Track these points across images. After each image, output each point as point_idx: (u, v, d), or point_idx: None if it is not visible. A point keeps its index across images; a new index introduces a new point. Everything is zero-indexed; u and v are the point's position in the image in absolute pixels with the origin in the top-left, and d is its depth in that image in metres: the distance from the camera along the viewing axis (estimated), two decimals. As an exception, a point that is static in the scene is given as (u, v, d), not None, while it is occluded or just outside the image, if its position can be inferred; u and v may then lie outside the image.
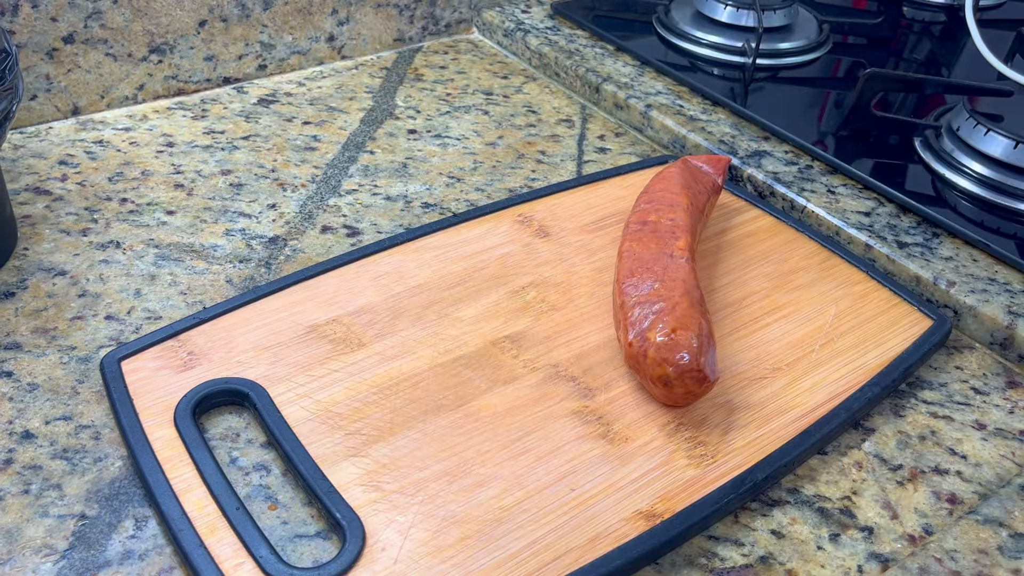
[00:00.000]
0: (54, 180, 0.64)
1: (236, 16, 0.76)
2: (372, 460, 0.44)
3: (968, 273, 0.59)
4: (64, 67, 0.70)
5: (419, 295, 0.55)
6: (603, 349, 0.52)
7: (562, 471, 0.44)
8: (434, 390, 0.48)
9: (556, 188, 0.65)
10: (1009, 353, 0.56)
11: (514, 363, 0.50)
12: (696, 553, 0.43)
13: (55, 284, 0.55)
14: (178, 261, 0.58)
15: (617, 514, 0.43)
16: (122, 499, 0.43)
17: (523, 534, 0.41)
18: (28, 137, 0.69)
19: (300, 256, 0.59)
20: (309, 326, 0.52)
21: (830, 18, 0.91)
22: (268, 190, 0.65)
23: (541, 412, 0.48)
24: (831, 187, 0.68)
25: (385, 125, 0.74)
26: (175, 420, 0.45)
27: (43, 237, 0.59)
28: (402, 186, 0.67)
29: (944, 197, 0.66)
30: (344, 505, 0.42)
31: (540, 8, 0.92)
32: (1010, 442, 0.50)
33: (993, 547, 0.43)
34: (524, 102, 0.80)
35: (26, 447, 0.45)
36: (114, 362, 0.48)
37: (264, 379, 0.48)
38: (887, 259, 0.61)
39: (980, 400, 0.53)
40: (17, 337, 0.51)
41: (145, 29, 0.72)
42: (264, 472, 0.45)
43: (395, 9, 0.85)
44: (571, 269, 0.58)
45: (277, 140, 0.71)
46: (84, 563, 0.40)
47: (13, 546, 0.40)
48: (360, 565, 0.40)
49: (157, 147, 0.69)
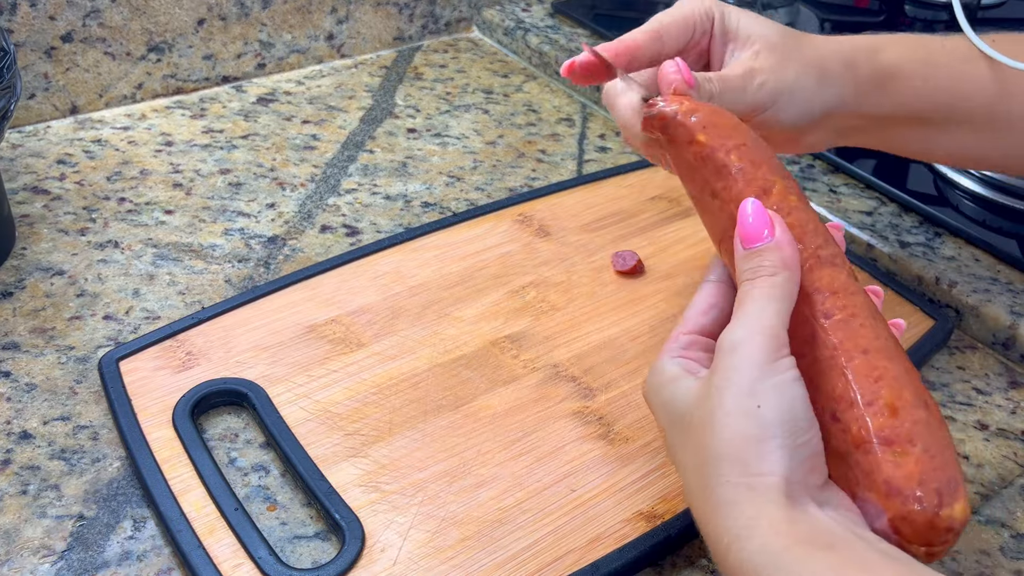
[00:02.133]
0: (52, 179, 0.64)
1: (235, 15, 0.76)
2: (371, 461, 0.44)
3: (970, 273, 0.59)
4: (62, 66, 0.70)
5: (419, 295, 0.54)
6: (603, 349, 0.52)
7: (562, 472, 0.44)
8: (434, 390, 0.48)
9: (556, 187, 0.65)
10: (1011, 353, 0.55)
11: (514, 363, 0.50)
12: (696, 554, 0.43)
13: (53, 284, 0.55)
14: (177, 261, 0.58)
15: (617, 515, 0.42)
16: (120, 500, 0.43)
17: (523, 535, 0.41)
18: (26, 136, 0.68)
19: (299, 256, 0.59)
20: (308, 326, 0.51)
21: (832, 17, 0.90)
22: (267, 189, 0.65)
23: (541, 412, 0.47)
24: (833, 186, 0.67)
25: (385, 124, 0.74)
26: (173, 420, 0.45)
27: (41, 237, 0.58)
28: (402, 185, 0.67)
29: (946, 196, 0.66)
30: (343, 506, 0.41)
31: (540, 7, 0.92)
32: (1012, 442, 0.50)
33: (995, 548, 0.43)
34: (524, 101, 0.79)
35: (24, 447, 0.45)
36: (112, 362, 0.48)
37: (263, 379, 0.48)
38: (889, 259, 0.60)
39: (982, 400, 0.53)
40: (15, 337, 0.51)
41: (144, 28, 0.72)
42: (263, 473, 0.44)
43: (394, 8, 0.85)
44: (571, 269, 0.57)
45: (276, 139, 0.71)
46: (82, 564, 0.40)
47: (11, 547, 0.40)
48: (359, 566, 0.39)
49: (156, 146, 0.69)
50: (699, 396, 0.35)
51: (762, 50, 0.46)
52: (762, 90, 0.45)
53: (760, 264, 0.36)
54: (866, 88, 0.48)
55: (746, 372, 0.34)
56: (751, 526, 0.32)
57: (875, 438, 0.34)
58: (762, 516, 0.32)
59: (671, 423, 0.37)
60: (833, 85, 0.46)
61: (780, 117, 0.46)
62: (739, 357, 0.34)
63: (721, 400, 0.34)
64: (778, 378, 0.34)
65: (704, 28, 0.47)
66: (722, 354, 0.35)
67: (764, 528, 0.32)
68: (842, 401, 0.35)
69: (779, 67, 0.45)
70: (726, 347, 0.35)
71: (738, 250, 0.37)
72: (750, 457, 0.33)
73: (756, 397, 0.33)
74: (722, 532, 0.33)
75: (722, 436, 0.33)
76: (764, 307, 0.35)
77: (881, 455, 0.34)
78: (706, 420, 0.34)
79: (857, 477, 0.34)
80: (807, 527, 0.32)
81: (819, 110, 0.47)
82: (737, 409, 0.33)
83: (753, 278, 0.36)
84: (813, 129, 0.48)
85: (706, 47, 0.48)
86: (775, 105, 0.45)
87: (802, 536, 0.31)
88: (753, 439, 0.33)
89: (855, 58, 0.47)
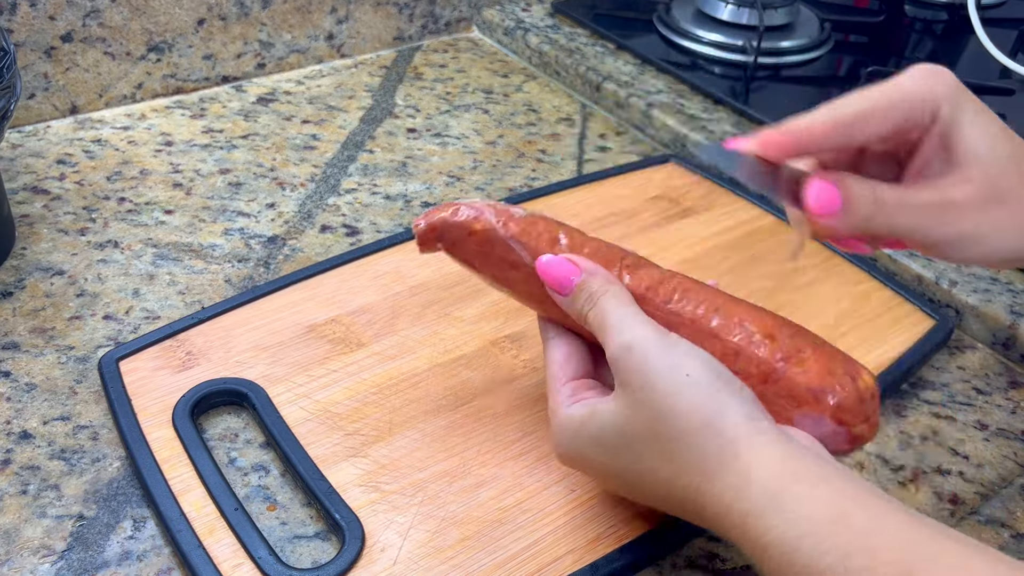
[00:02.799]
0: (52, 179, 0.64)
1: (235, 15, 0.76)
2: (371, 460, 0.44)
3: (970, 273, 0.59)
4: (62, 66, 0.69)
5: (419, 295, 0.54)
6: (603, 349, 0.52)
7: (562, 471, 0.44)
8: (434, 390, 0.48)
9: (556, 187, 0.65)
10: (1011, 353, 0.55)
11: (514, 363, 0.50)
12: (697, 554, 0.43)
13: (53, 284, 0.55)
14: (176, 261, 0.58)
15: (617, 515, 0.42)
16: (120, 500, 0.43)
17: (523, 535, 0.41)
18: (26, 136, 0.68)
19: (299, 255, 0.59)
20: (308, 326, 0.51)
21: (832, 16, 0.90)
22: (267, 189, 0.65)
23: (541, 412, 0.47)
24: (832, 186, 0.67)
25: (384, 124, 0.74)
26: (173, 420, 0.45)
27: (41, 236, 0.58)
28: (402, 185, 0.67)
29: (946, 196, 0.66)
30: (343, 506, 0.41)
31: (540, 6, 0.92)
32: (1012, 442, 0.50)
33: (995, 547, 0.43)
34: (524, 101, 0.79)
35: (24, 447, 0.45)
36: (112, 362, 0.48)
37: (263, 379, 0.48)
38: (889, 258, 0.60)
39: (982, 400, 0.52)
40: (15, 337, 0.51)
41: (143, 28, 0.72)
42: (263, 472, 0.44)
43: (394, 7, 0.85)
44: (571, 268, 0.57)
45: (276, 139, 0.71)
46: (82, 564, 0.40)
47: (11, 547, 0.40)
48: (359, 566, 0.39)
49: (155, 146, 0.69)
50: (627, 404, 0.36)
51: (976, 179, 0.36)
52: (949, 228, 0.37)
53: (590, 293, 0.38)
54: None
55: (655, 355, 0.35)
56: (746, 472, 0.32)
57: (775, 363, 0.37)
58: (755, 462, 0.32)
59: (612, 450, 0.37)
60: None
61: (959, 256, 0.38)
62: (639, 350, 0.35)
63: (652, 389, 0.35)
64: (682, 347, 0.35)
65: (920, 124, 0.37)
66: (622, 360, 0.36)
67: (760, 474, 0.32)
68: (728, 356, 0.38)
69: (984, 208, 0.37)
70: (620, 352, 0.36)
71: (560, 300, 0.39)
72: (711, 416, 0.34)
73: (678, 369, 0.34)
74: (717, 499, 0.33)
75: (676, 416, 0.34)
76: (623, 312, 0.37)
77: (789, 372, 0.37)
78: (650, 416, 0.35)
79: (783, 405, 0.37)
80: (794, 463, 0.32)
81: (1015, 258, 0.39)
82: (671, 388, 0.34)
83: (593, 304, 0.38)
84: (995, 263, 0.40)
85: (915, 140, 0.38)
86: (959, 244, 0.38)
87: (801, 473, 0.32)
88: (704, 401, 0.34)
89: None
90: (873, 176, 0.38)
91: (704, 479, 0.34)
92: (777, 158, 0.37)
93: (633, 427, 0.36)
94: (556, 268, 0.39)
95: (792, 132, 0.37)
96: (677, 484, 0.35)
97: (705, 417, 0.34)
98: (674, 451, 0.34)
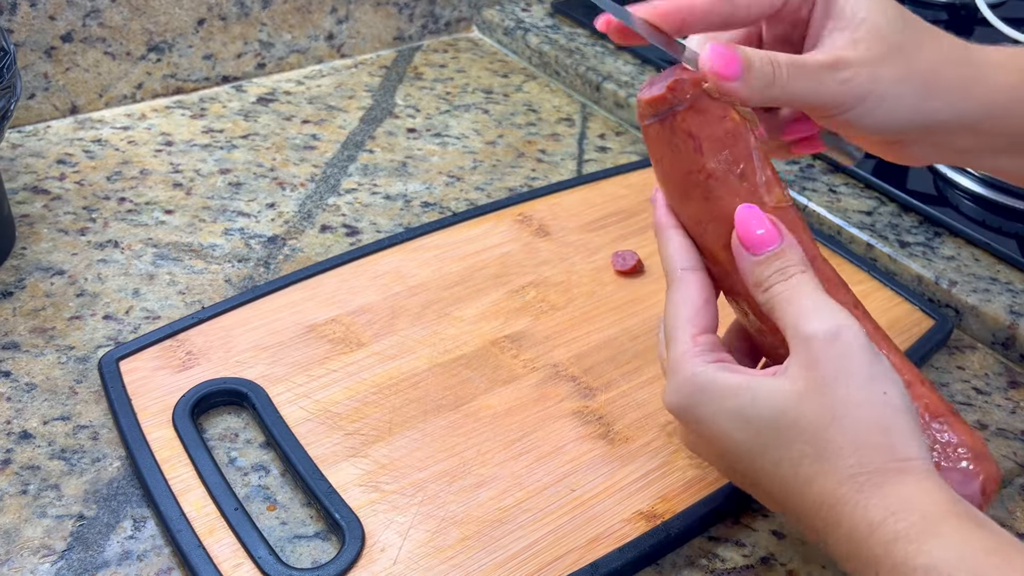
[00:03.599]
0: (52, 179, 0.64)
1: (235, 15, 0.76)
2: (371, 460, 0.44)
3: (970, 273, 0.59)
4: (62, 66, 0.70)
5: (418, 295, 0.54)
6: (603, 349, 0.52)
7: (562, 471, 0.44)
8: (433, 390, 0.48)
9: (556, 187, 0.65)
10: (1011, 353, 0.55)
11: (514, 363, 0.50)
12: (697, 554, 0.43)
13: (53, 284, 0.55)
14: (177, 261, 0.58)
15: (617, 515, 0.42)
16: (120, 499, 0.43)
17: (523, 535, 0.41)
18: (26, 136, 0.68)
19: (299, 255, 0.59)
20: (308, 326, 0.51)
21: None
22: (267, 189, 0.65)
23: (541, 412, 0.47)
24: (832, 186, 0.67)
25: (384, 124, 0.74)
26: (173, 420, 0.45)
27: (41, 236, 0.58)
28: (401, 185, 0.67)
29: (946, 196, 0.66)
30: (343, 506, 0.41)
31: (540, 6, 0.92)
32: (1012, 442, 0.50)
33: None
34: (524, 101, 0.79)
35: (24, 447, 0.45)
36: (112, 362, 0.48)
37: (263, 379, 0.48)
38: (889, 259, 0.60)
39: (982, 400, 0.53)
40: (15, 337, 0.51)
41: (144, 28, 0.72)
42: (263, 472, 0.44)
43: (394, 7, 0.85)
44: (571, 268, 0.57)
45: (276, 139, 0.71)
46: (82, 564, 0.40)
47: (11, 546, 0.40)
48: (359, 566, 0.39)
49: (156, 146, 0.69)
50: (802, 390, 0.34)
51: (864, 38, 0.38)
52: (845, 87, 0.37)
53: (785, 266, 0.36)
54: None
55: (860, 357, 0.33)
56: (909, 498, 0.32)
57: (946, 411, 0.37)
58: (920, 492, 0.32)
59: (753, 427, 0.35)
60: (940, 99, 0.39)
61: (865, 122, 0.39)
62: (845, 342, 0.34)
63: (844, 386, 0.33)
64: (886, 363, 0.34)
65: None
66: (818, 345, 0.34)
67: (924, 502, 0.31)
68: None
69: (877, 63, 0.38)
70: (823, 336, 0.34)
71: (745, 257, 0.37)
72: (895, 443, 0.32)
73: (877, 383, 0.33)
74: (861, 514, 0.32)
75: (855, 423, 0.33)
76: (824, 298, 0.35)
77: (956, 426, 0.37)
78: (824, 411, 0.33)
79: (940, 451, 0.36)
80: (961, 506, 0.32)
81: (918, 124, 0.39)
82: (866, 399, 0.33)
83: (786, 279, 0.36)
84: (916, 142, 0.41)
85: (805, 16, 0.40)
86: (861, 107, 0.38)
87: (961, 512, 0.31)
88: (893, 426, 0.33)
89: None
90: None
91: (854, 489, 0.32)
92: (669, 29, 0.38)
93: (797, 414, 0.34)
94: (757, 224, 0.36)
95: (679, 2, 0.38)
96: (815, 486, 0.33)
97: (886, 440, 0.33)
98: (831, 454, 0.33)
